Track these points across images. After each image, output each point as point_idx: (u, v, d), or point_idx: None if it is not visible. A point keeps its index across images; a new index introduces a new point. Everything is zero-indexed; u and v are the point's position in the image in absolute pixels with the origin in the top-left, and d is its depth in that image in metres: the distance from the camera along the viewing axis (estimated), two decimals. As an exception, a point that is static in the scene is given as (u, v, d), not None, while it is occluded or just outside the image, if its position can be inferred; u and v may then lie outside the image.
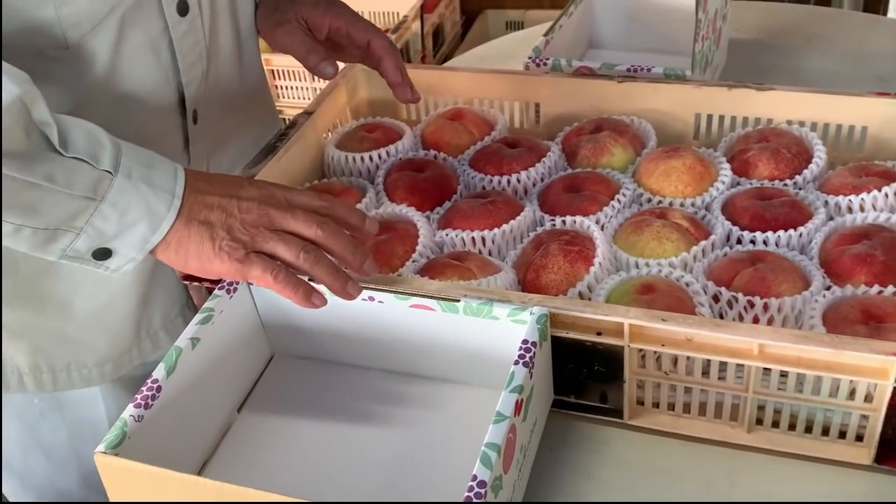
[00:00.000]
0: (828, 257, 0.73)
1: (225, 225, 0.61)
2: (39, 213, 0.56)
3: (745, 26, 1.32)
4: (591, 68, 0.98)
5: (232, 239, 0.61)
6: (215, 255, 0.61)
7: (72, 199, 0.57)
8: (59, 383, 0.75)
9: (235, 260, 0.61)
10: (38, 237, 0.58)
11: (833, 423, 0.64)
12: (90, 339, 0.74)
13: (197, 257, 0.61)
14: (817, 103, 0.88)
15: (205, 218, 0.61)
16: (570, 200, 0.80)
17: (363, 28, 0.82)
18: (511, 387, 0.59)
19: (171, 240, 0.61)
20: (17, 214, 0.56)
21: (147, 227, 0.59)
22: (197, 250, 0.61)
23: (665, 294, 0.68)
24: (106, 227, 0.58)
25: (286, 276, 0.61)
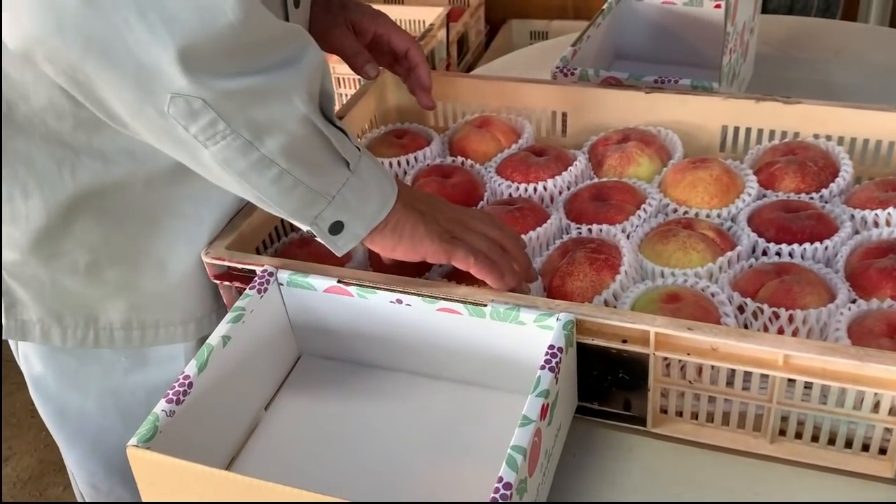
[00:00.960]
0: (853, 271, 0.73)
1: (432, 213, 0.69)
2: (317, 172, 0.63)
3: (772, 39, 1.32)
4: (618, 79, 0.99)
5: (439, 225, 0.69)
6: (427, 236, 0.68)
7: (339, 164, 0.64)
8: (147, 339, 0.79)
9: (443, 241, 0.68)
10: (306, 197, 0.63)
11: (856, 435, 0.64)
12: (179, 297, 0.78)
13: (410, 237, 0.68)
14: (844, 117, 0.88)
15: (417, 206, 0.69)
16: (597, 209, 0.81)
17: (403, 37, 0.89)
18: (537, 391, 0.59)
19: (391, 220, 0.67)
20: (302, 168, 0.61)
21: (377, 204, 0.66)
22: (412, 231, 0.68)
23: (690, 304, 0.69)
24: (351, 198, 0.65)
25: (485, 259, 0.69)
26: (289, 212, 0.64)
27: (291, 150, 0.60)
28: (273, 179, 0.61)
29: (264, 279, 0.71)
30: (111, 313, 0.77)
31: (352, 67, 0.88)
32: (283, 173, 0.61)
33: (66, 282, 0.75)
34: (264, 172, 0.60)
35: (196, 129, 0.57)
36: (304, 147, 0.61)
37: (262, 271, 0.72)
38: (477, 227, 0.71)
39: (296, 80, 0.59)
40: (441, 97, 1.01)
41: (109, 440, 0.85)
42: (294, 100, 0.59)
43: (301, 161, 0.61)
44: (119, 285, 0.76)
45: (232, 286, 0.76)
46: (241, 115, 0.57)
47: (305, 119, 0.60)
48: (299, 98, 0.59)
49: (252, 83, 0.57)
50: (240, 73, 0.56)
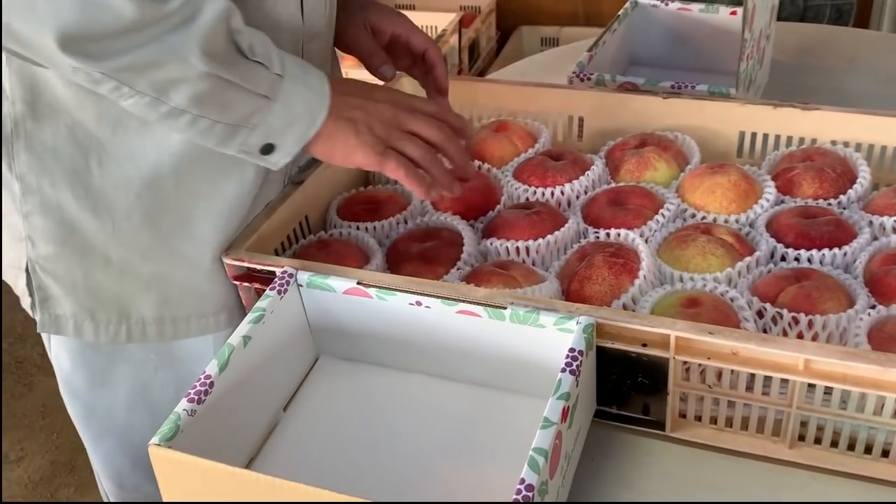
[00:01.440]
0: (872, 277, 0.73)
1: (366, 122, 0.71)
2: (230, 110, 0.66)
3: (787, 47, 1.32)
4: (635, 84, 0.99)
5: (372, 135, 0.71)
6: (359, 146, 0.71)
7: (254, 97, 0.66)
8: (180, 332, 0.80)
9: (376, 153, 0.71)
10: (226, 132, 0.67)
11: (876, 440, 0.64)
12: (212, 288, 0.79)
13: (343, 147, 0.71)
14: (862, 124, 0.88)
15: (349, 115, 0.71)
16: (615, 213, 0.81)
17: (422, 38, 0.89)
18: (558, 393, 0.60)
19: (323, 133, 0.70)
20: (214, 111, 0.65)
21: (306, 123, 0.69)
22: (343, 142, 0.71)
23: (710, 308, 0.69)
24: (275, 122, 0.68)
25: (415, 170, 0.72)
26: (214, 145, 0.68)
27: (199, 99, 0.64)
28: (188, 124, 0.65)
29: (284, 280, 0.71)
30: (143, 308, 0.78)
31: (367, 68, 0.88)
32: (196, 118, 0.65)
33: (99, 276, 0.76)
34: (178, 119, 0.65)
35: (105, 91, 0.62)
36: (212, 94, 0.64)
37: (281, 272, 0.72)
38: (416, 127, 0.73)
39: (190, 41, 0.62)
40: (458, 102, 1.01)
41: (137, 436, 0.85)
42: (190, 59, 0.62)
43: (212, 105, 0.65)
44: (152, 280, 0.77)
45: (251, 287, 0.76)
46: (142, 80, 0.62)
47: (205, 74, 0.63)
48: (195, 56, 0.62)
49: (143, 54, 0.61)
50: (128, 49, 0.60)
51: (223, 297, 0.80)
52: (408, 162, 0.72)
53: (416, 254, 0.78)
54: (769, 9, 1.09)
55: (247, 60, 0.65)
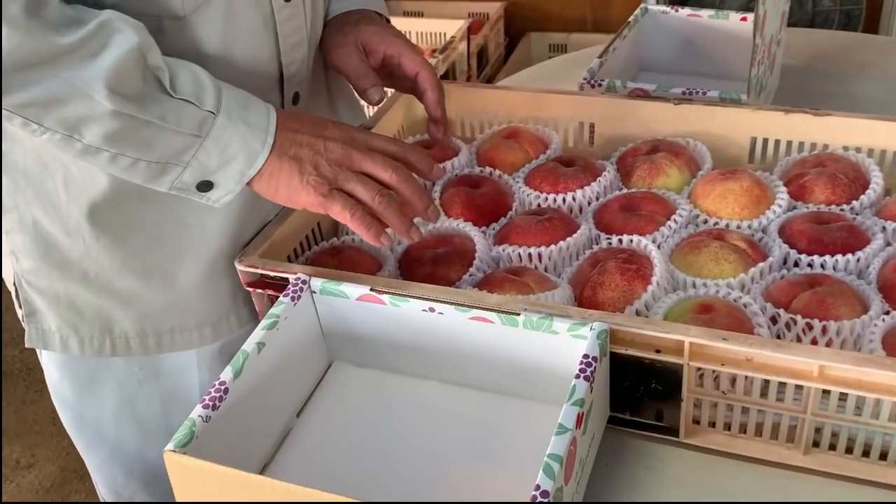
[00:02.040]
0: (886, 282, 0.73)
1: (312, 161, 0.68)
2: (153, 148, 0.64)
3: (797, 53, 1.32)
4: (646, 90, 0.99)
5: (318, 175, 0.68)
6: (302, 188, 0.68)
7: (180, 136, 0.64)
8: (164, 345, 0.80)
9: (320, 194, 0.68)
10: (151, 170, 0.65)
11: (892, 447, 0.64)
12: (192, 305, 0.79)
13: (286, 188, 0.68)
14: (874, 129, 0.88)
15: (295, 154, 0.68)
16: (627, 219, 0.81)
17: (414, 60, 0.84)
18: (573, 400, 0.60)
19: (265, 172, 0.67)
20: (133, 149, 0.63)
21: (244, 161, 0.66)
22: (287, 182, 0.68)
23: (724, 314, 0.69)
24: (209, 161, 0.65)
25: (362, 214, 0.69)
26: (141, 182, 0.66)
27: (114, 137, 0.62)
28: (108, 161, 0.63)
29: (297, 287, 0.72)
30: (125, 322, 0.78)
31: (356, 90, 0.84)
32: (115, 156, 0.63)
33: (79, 291, 0.76)
34: (97, 157, 0.63)
35: (17, 126, 0.60)
36: (126, 133, 0.62)
37: (295, 279, 0.72)
38: (368, 168, 0.69)
39: (93, 78, 0.60)
40: (468, 108, 1.02)
41: (128, 448, 0.85)
42: (95, 97, 0.60)
43: (129, 143, 0.63)
44: (129, 296, 0.77)
45: (264, 294, 0.77)
46: (48, 117, 0.60)
47: (114, 112, 0.61)
48: (100, 94, 0.60)
49: (42, 91, 0.59)
50: (24, 85, 0.58)
51: (205, 312, 0.80)
52: (355, 204, 0.68)
53: (428, 260, 0.78)
54: (780, 14, 1.09)
55: (170, 98, 0.64)
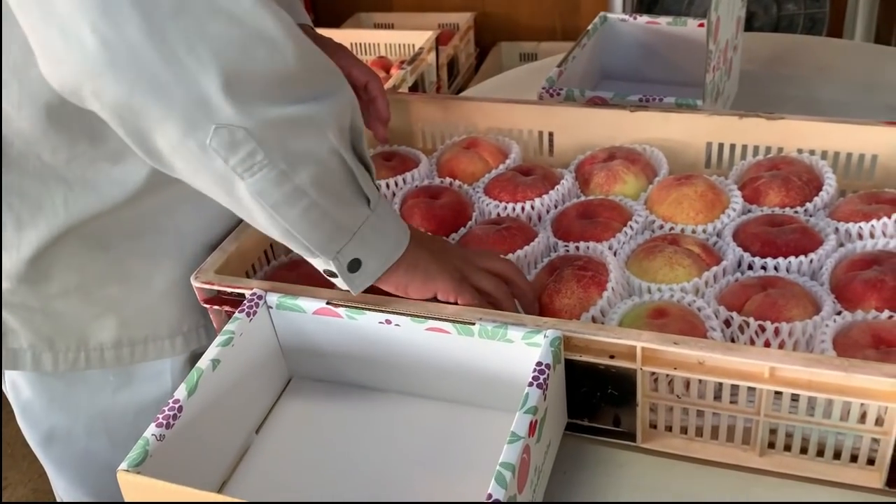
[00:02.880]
0: (838, 283, 0.74)
1: (443, 253, 0.72)
2: (341, 207, 0.64)
3: (757, 57, 1.34)
4: (603, 98, 1.00)
5: (452, 264, 0.71)
6: (439, 274, 0.70)
7: (361, 202, 0.65)
8: (136, 356, 0.80)
9: (455, 280, 0.70)
10: (331, 231, 0.64)
11: (845, 446, 0.65)
12: (167, 310, 0.80)
13: (424, 274, 0.70)
14: (827, 132, 0.89)
15: (429, 247, 0.72)
16: (584, 227, 0.82)
17: (362, 70, 0.90)
18: (525, 408, 0.60)
19: (404, 260, 0.69)
20: (332, 200, 0.63)
21: (393, 244, 0.68)
22: (425, 268, 0.70)
23: (677, 318, 0.69)
24: (369, 237, 0.66)
25: (490, 302, 0.72)
26: (315, 244, 0.64)
27: (321, 181, 0.62)
28: (303, 211, 0.62)
29: (253, 302, 0.72)
30: (101, 333, 0.78)
31: None
32: (312, 205, 0.62)
33: (57, 305, 0.76)
34: (295, 203, 0.61)
35: (235, 161, 0.58)
36: (332, 179, 0.63)
37: (251, 294, 0.72)
38: (485, 264, 0.73)
39: (329, 114, 0.61)
40: (428, 119, 1.02)
41: (98, 463, 0.85)
42: (327, 132, 0.61)
43: (329, 193, 0.63)
44: (108, 304, 0.77)
45: (222, 310, 0.76)
46: (279, 145, 0.59)
47: (336, 152, 0.62)
48: (331, 131, 0.61)
49: (291, 113, 0.59)
50: (281, 102, 0.58)
51: (177, 321, 0.81)
52: (483, 292, 0.72)
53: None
54: (735, 21, 1.11)
55: (358, 160, 0.65)
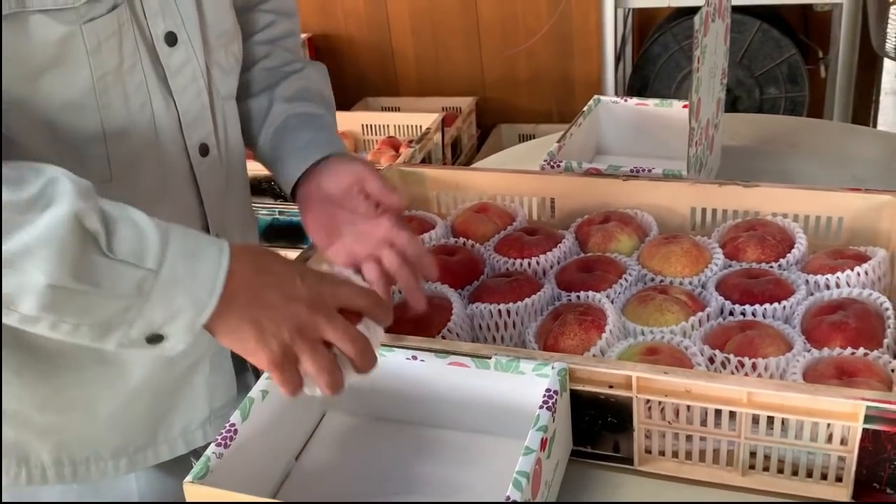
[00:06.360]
0: (808, 326, 0.84)
1: (273, 329, 0.66)
2: (91, 313, 0.62)
3: (738, 135, 1.47)
4: (598, 169, 1.12)
5: (277, 341, 0.66)
6: (257, 351, 0.66)
7: (118, 299, 0.61)
8: (79, 475, 0.82)
9: (271, 362, 0.66)
10: (95, 332, 0.63)
11: (815, 465, 0.74)
12: (109, 435, 0.82)
13: (242, 346, 0.67)
14: (798, 198, 1.00)
15: (256, 316, 0.65)
16: (584, 279, 0.92)
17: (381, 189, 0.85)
18: (537, 426, 0.69)
19: (223, 326, 0.65)
20: (72, 315, 0.61)
21: (192, 312, 0.63)
22: (243, 344, 0.67)
23: (667, 355, 0.79)
24: (154, 316, 0.63)
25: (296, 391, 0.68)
26: (89, 343, 0.63)
27: (50, 307, 0.60)
28: (50, 328, 0.61)
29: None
30: (41, 453, 0.81)
31: None
32: (56, 322, 0.61)
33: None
34: (37, 325, 0.61)
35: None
36: (63, 302, 0.60)
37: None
38: (330, 336, 0.68)
39: (29, 248, 0.58)
40: (442, 187, 1.14)
41: None
42: (28, 269, 0.58)
43: (70, 311, 0.61)
44: (48, 428, 0.80)
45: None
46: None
47: (48, 287, 0.59)
48: (35, 266, 0.58)
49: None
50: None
51: (121, 444, 0.83)
52: (297, 383, 0.68)
53: (410, 318, 0.88)
54: (715, 102, 1.24)
55: (108, 260, 0.61)
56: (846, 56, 2.26)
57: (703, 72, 1.10)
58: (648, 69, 2.43)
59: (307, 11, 2.89)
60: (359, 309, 0.70)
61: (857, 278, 0.88)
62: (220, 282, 0.64)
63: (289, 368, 0.67)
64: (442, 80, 2.91)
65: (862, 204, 0.98)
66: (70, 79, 0.70)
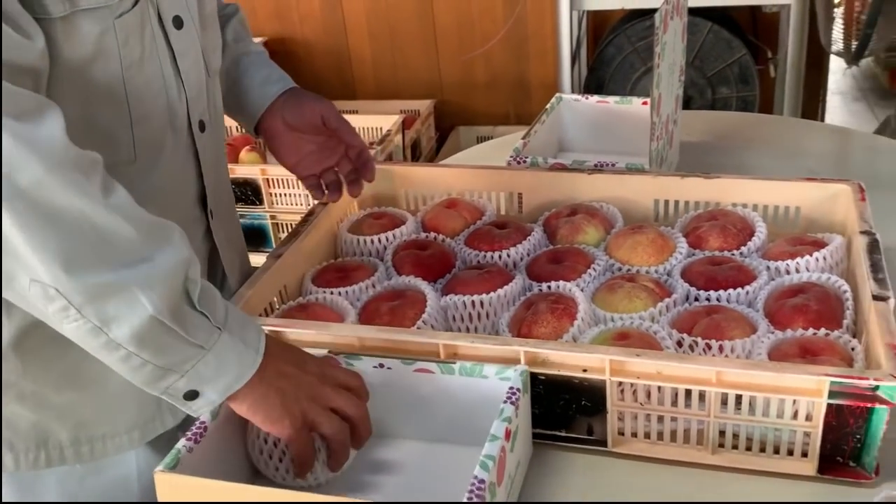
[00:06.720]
0: (770, 309, 0.87)
1: (294, 395, 0.73)
2: (165, 355, 0.67)
3: (696, 131, 1.51)
4: (563, 164, 1.14)
5: (298, 407, 0.73)
6: (282, 418, 0.72)
7: (191, 346, 0.67)
8: (96, 452, 0.85)
9: (294, 428, 0.72)
10: (155, 374, 0.68)
11: (782, 441, 0.77)
12: (122, 408, 0.85)
13: (267, 413, 0.72)
14: (757, 188, 1.04)
15: (279, 385, 0.72)
16: (554, 270, 0.94)
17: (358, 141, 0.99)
18: (502, 417, 0.71)
19: (251, 395, 0.71)
20: (149, 352, 0.66)
21: (234, 376, 0.70)
22: (269, 409, 0.72)
23: (637, 340, 0.81)
24: (205, 372, 0.69)
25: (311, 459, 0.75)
26: (139, 384, 0.68)
27: (139, 338, 0.65)
28: (122, 359, 0.66)
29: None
30: (60, 433, 0.83)
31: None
32: (130, 355, 0.66)
33: (14, 409, 0.81)
34: (113, 353, 0.66)
35: (52, 310, 0.64)
36: (151, 336, 0.65)
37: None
38: (335, 402, 0.74)
39: (144, 279, 0.64)
40: (411, 184, 1.15)
41: None
42: (140, 297, 0.64)
43: (149, 347, 0.66)
44: (65, 406, 0.82)
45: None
46: (90, 306, 0.63)
47: (152, 317, 0.64)
48: (146, 296, 0.64)
49: (101, 280, 0.63)
50: (90, 270, 0.63)
51: (133, 416, 0.85)
52: (312, 447, 0.74)
53: (385, 311, 0.89)
54: (674, 97, 1.27)
55: (192, 310, 0.67)
56: (794, 56, 2.33)
57: (663, 68, 1.13)
58: (604, 70, 2.47)
59: (263, 15, 2.88)
60: (354, 388, 0.77)
61: (816, 263, 0.92)
62: (261, 352, 0.71)
63: (306, 439, 0.74)
64: (399, 83, 2.92)
65: (818, 193, 1.02)
66: (103, 72, 0.75)
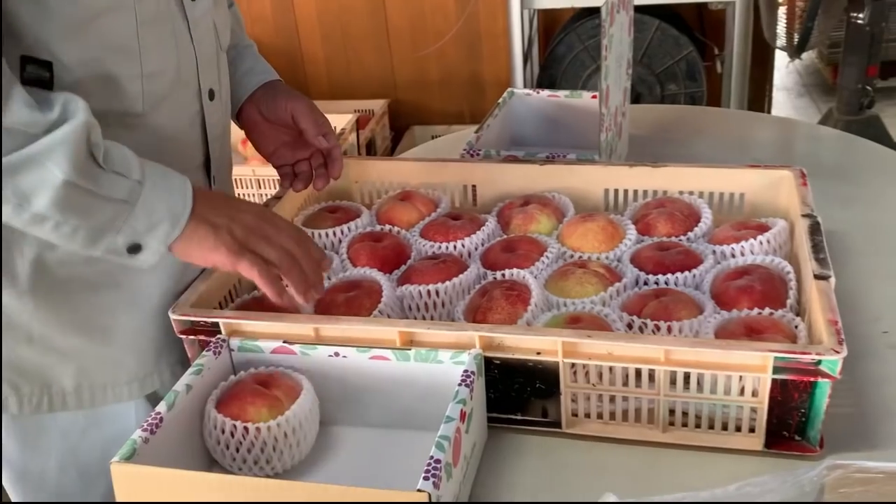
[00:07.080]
0: (717, 291, 0.89)
1: (227, 226, 0.77)
2: (91, 216, 0.71)
3: (644, 124, 1.54)
4: (516, 156, 1.16)
5: (231, 237, 0.76)
6: (216, 248, 0.76)
7: (114, 203, 0.72)
8: (97, 399, 0.87)
9: (231, 253, 0.76)
10: (90, 236, 0.72)
11: (730, 417, 0.79)
12: (124, 359, 0.87)
13: (199, 247, 0.76)
14: (703, 176, 1.07)
15: (211, 220, 0.76)
16: (508, 258, 0.96)
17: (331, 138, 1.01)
18: (457, 399, 0.73)
19: (183, 234, 0.75)
20: (76, 216, 0.71)
21: (169, 223, 0.74)
22: (201, 242, 0.76)
23: (589, 323, 0.83)
24: (138, 225, 0.73)
25: (269, 272, 0.78)
26: (80, 250, 0.73)
27: (59, 204, 0.69)
28: (53, 228, 0.71)
29: (218, 344, 0.83)
30: (63, 379, 0.86)
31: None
32: (59, 223, 0.70)
33: (22, 352, 0.84)
34: (42, 225, 0.70)
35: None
36: (70, 201, 0.70)
37: (217, 339, 0.84)
38: (277, 239, 0.78)
39: (50, 148, 0.68)
40: (366, 178, 1.16)
41: (68, 496, 0.91)
42: (48, 165, 0.68)
43: (73, 211, 0.70)
44: (70, 352, 0.85)
45: (196, 339, 0.86)
46: (7, 188, 0.68)
47: (65, 182, 0.69)
48: (55, 163, 0.68)
49: (10, 159, 0.67)
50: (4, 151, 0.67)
51: (134, 368, 0.88)
52: (262, 263, 0.77)
53: (342, 302, 0.90)
54: (622, 90, 1.30)
55: (104, 171, 0.71)
56: (740, 52, 2.38)
57: (610, 60, 1.15)
58: (555, 68, 2.50)
59: (215, 16, 2.86)
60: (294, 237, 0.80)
61: (760, 246, 0.95)
62: (190, 195, 0.75)
63: (252, 260, 0.76)
64: (353, 83, 2.93)
65: (761, 180, 1.05)
66: (119, 23, 0.79)
